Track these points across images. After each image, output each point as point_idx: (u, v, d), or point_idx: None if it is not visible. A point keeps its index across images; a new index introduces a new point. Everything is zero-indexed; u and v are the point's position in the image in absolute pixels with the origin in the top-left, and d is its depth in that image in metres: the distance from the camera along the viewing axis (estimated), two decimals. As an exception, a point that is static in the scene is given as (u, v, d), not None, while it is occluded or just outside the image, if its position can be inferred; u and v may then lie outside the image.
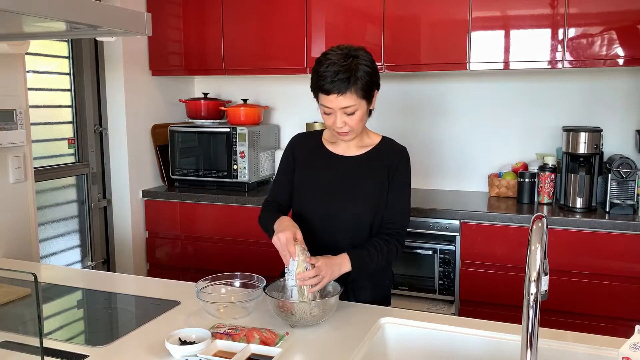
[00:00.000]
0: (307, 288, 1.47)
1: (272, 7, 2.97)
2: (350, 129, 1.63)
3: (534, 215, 0.99)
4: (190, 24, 3.15)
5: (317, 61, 1.61)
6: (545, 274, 0.95)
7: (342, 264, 1.56)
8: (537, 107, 2.96)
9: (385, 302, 1.80)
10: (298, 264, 1.47)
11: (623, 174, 2.50)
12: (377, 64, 2.70)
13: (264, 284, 1.54)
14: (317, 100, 1.64)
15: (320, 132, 1.83)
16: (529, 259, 0.93)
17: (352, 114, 1.60)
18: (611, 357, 1.26)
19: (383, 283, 1.81)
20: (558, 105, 2.93)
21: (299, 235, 1.53)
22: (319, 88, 1.59)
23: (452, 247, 2.60)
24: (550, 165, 2.74)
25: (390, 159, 1.72)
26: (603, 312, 2.40)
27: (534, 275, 0.92)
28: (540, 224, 0.96)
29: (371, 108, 1.68)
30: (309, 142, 1.82)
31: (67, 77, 2.91)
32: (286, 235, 1.50)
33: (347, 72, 1.54)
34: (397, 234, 1.70)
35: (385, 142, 1.78)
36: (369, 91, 1.60)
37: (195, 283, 1.55)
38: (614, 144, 2.83)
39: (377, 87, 1.66)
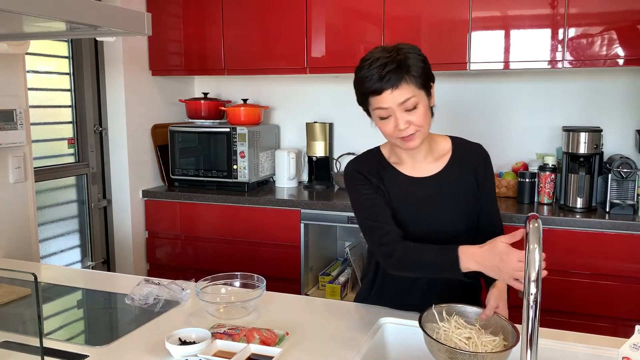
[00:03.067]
0: (481, 346, 1.20)
1: (272, 7, 2.97)
2: (416, 129, 1.38)
3: (529, 215, 0.99)
4: (190, 24, 3.15)
5: (356, 70, 1.42)
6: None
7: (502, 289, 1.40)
8: (537, 107, 2.96)
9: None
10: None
11: (623, 174, 2.50)
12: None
13: (264, 283, 1.54)
14: (369, 111, 1.44)
15: (378, 154, 1.57)
16: (528, 259, 0.93)
17: (414, 108, 1.36)
18: (611, 357, 1.26)
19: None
20: (558, 105, 2.93)
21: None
22: (367, 92, 1.37)
23: (452, 247, 2.60)
24: (550, 165, 2.74)
25: (472, 165, 1.52)
26: (603, 312, 2.40)
27: (533, 275, 0.92)
28: (536, 224, 0.96)
29: (432, 105, 1.45)
30: (374, 167, 1.54)
31: (67, 77, 2.91)
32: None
33: (395, 62, 1.34)
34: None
35: (458, 145, 1.55)
36: (425, 79, 1.38)
37: (195, 283, 1.56)
38: (614, 144, 2.83)
39: (433, 79, 1.44)
